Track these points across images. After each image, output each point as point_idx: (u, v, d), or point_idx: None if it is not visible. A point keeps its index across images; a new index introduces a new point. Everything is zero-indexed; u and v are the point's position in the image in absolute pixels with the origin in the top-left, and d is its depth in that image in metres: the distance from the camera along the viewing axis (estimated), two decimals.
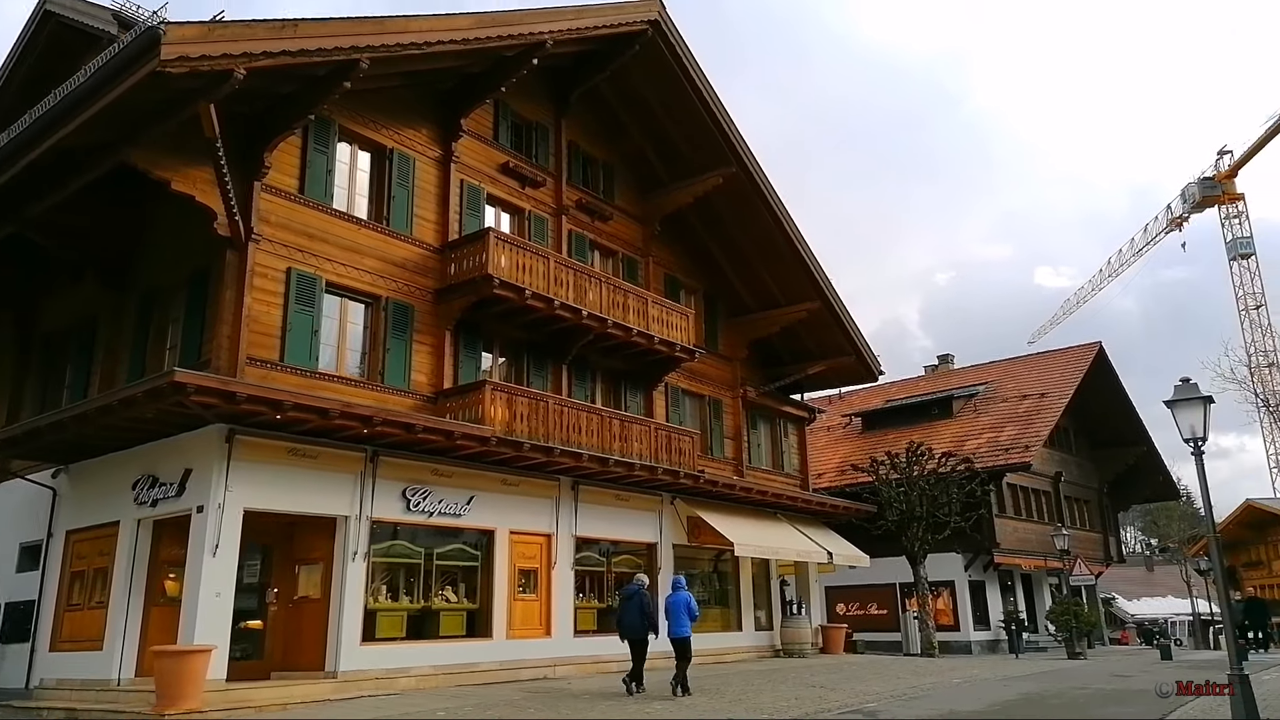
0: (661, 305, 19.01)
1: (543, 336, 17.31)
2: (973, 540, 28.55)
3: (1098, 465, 36.92)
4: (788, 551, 20.97)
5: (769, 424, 24.28)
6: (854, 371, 24.21)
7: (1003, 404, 32.69)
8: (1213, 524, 8.24)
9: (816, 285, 21.77)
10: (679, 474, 18.05)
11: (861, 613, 31.49)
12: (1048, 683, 15.40)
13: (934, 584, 29.85)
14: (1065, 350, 35.65)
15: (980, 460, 28.69)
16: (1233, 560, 69.87)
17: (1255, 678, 15.47)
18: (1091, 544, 35.73)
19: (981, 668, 19.40)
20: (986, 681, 15.73)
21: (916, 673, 17.16)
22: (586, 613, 17.43)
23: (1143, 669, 18.84)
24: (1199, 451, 8.84)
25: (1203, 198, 79.44)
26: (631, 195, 20.85)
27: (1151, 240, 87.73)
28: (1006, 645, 29.50)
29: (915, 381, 39.55)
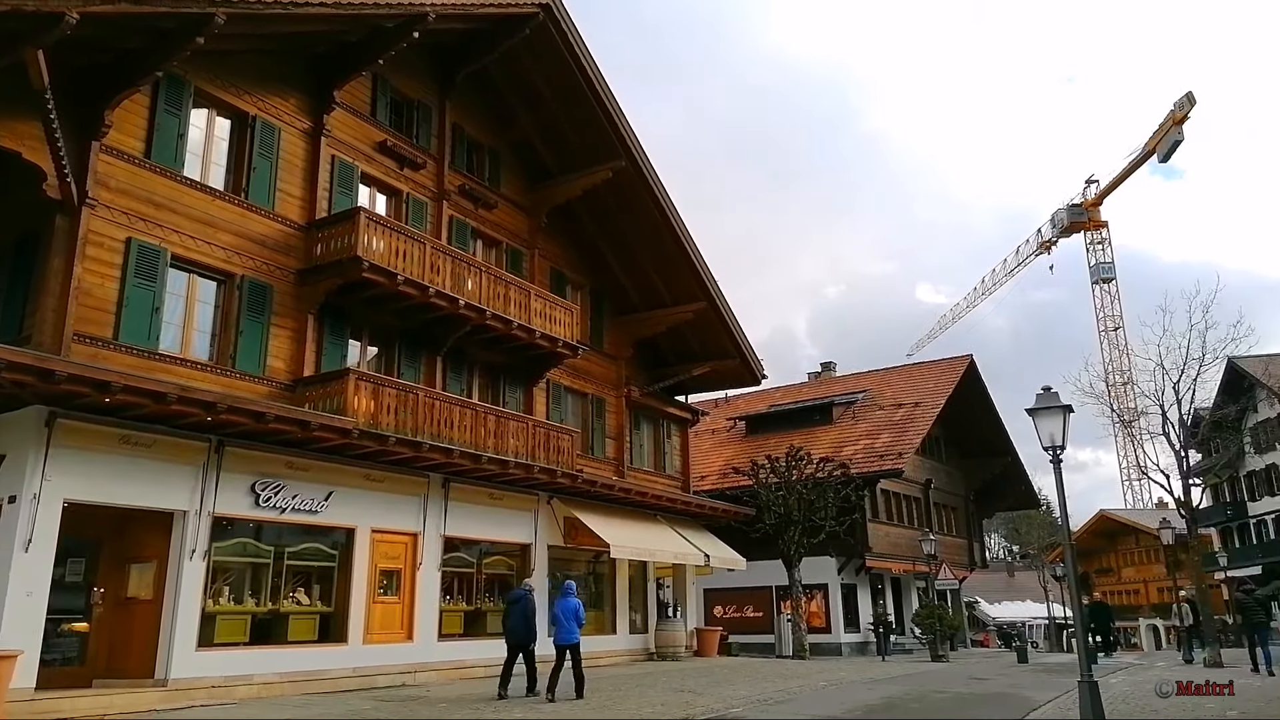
0: (545, 299, 18.46)
1: (417, 326, 16.50)
2: (846, 544, 29.06)
3: (965, 474, 38.38)
4: (665, 554, 20.75)
5: (652, 425, 24.04)
6: (738, 374, 24.25)
7: (880, 411, 33.54)
8: (1068, 530, 8.31)
9: (703, 286, 21.64)
10: (556, 473, 17.54)
11: (738, 615, 31.70)
12: (910, 685, 15.63)
13: (808, 587, 30.31)
14: (939, 362, 36.92)
15: (856, 466, 29.29)
16: (1086, 567, 74.33)
17: (1104, 681, 16.12)
18: (957, 550, 37.10)
19: (849, 670, 19.64)
20: (851, 684, 15.84)
21: (785, 676, 17.18)
22: (453, 616, 16.70)
23: (1000, 671, 19.45)
24: (1057, 459, 8.96)
25: (1070, 223, 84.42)
26: (519, 185, 20.21)
27: (1022, 262, 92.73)
28: (875, 647, 30.24)
29: (799, 388, 40.23)
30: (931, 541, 25.34)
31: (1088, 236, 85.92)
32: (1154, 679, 16.31)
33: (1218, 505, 55.19)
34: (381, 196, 17.00)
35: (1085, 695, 8.54)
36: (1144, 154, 77.53)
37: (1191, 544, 20.68)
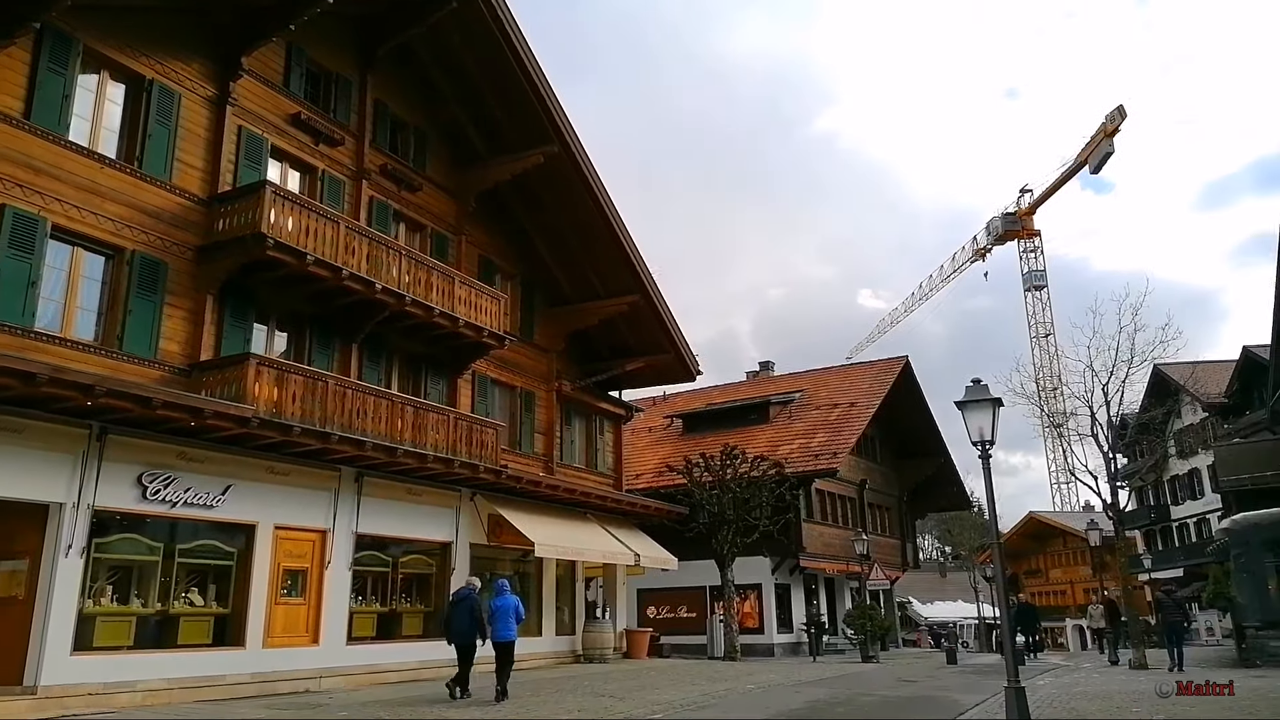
0: (471, 286, 17.68)
1: (330, 311, 15.60)
2: (780, 544, 28.80)
3: (900, 474, 38.56)
4: (593, 553, 20.13)
5: (584, 420, 23.40)
6: (673, 370, 23.72)
7: (816, 411, 33.41)
8: (996, 527, 7.94)
9: (638, 278, 21.07)
10: (479, 468, 16.78)
11: (671, 615, 31.23)
12: (838, 688, 15.27)
13: (741, 587, 29.97)
14: (875, 363, 37.02)
15: (792, 465, 29.05)
16: (1015, 568, 75.79)
17: (1031, 684, 15.97)
18: (890, 550, 37.23)
19: (778, 671, 19.26)
20: (779, 687, 15.42)
21: (713, 678, 16.70)
22: (365, 618, 15.84)
23: (928, 673, 19.27)
24: (986, 454, 8.60)
25: (1005, 231, 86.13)
26: (446, 167, 19.38)
27: (958, 268, 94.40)
28: (807, 648, 30.07)
29: (737, 386, 39.98)
30: (864, 541, 25.18)
31: (1021, 245, 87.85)
32: (1080, 681, 16.25)
33: (1142, 508, 56.68)
34: (294, 173, 16.05)
35: (1011, 700, 8.18)
36: (1076, 165, 79.43)
37: (1118, 546, 20.84)
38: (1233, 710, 10.84)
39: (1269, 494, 29.10)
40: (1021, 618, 24.47)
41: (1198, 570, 46.52)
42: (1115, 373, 19.83)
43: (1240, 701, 11.51)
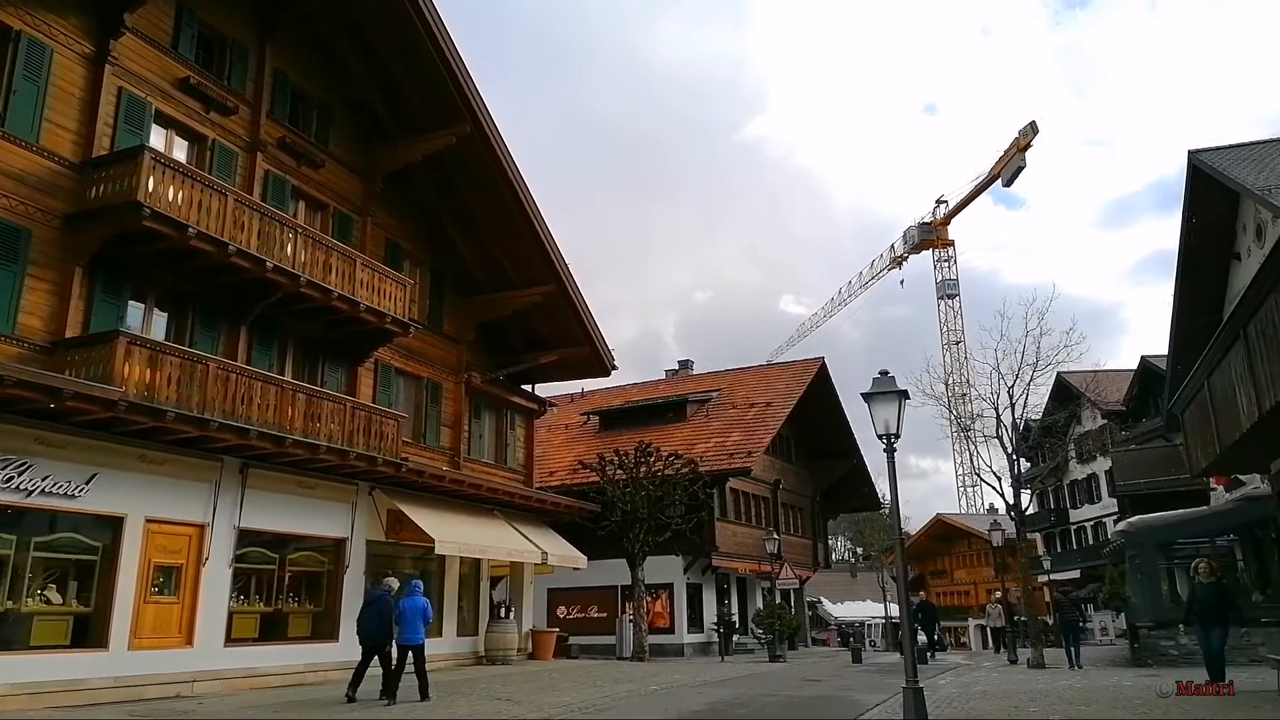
0: (374, 270, 16.84)
1: (217, 290, 14.59)
2: (693, 543, 28.63)
3: (813, 475, 38.90)
4: (498, 551, 19.47)
5: (495, 414, 22.70)
6: (588, 363, 23.22)
7: (732, 410, 33.37)
8: (898, 522, 7.71)
9: (553, 268, 20.51)
10: (377, 460, 15.97)
11: (582, 615, 30.74)
12: (741, 689, 15.02)
13: (653, 587, 29.66)
14: (792, 363, 37.26)
15: (707, 464, 28.89)
16: (921, 569, 77.77)
17: (931, 683, 16.02)
18: (802, 550, 37.50)
19: (685, 672, 18.96)
20: (683, 688, 15.09)
21: (617, 679, 16.27)
22: (247, 618, 14.87)
23: (833, 672, 19.24)
24: (891, 448, 8.38)
25: (920, 240, 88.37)
26: (352, 145, 18.46)
27: (876, 275, 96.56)
28: (717, 648, 29.96)
29: (655, 385, 39.72)
30: (774, 541, 25.13)
31: (935, 254, 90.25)
32: (980, 680, 16.37)
33: (1043, 511, 58.64)
34: (181, 141, 14.99)
35: (909, 701, 7.96)
36: (989, 178, 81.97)
37: (1019, 547, 21.25)
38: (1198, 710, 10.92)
39: (1163, 498, 30.27)
40: (922, 617, 24.76)
41: (1094, 571, 48.31)
42: (1020, 376, 20.21)
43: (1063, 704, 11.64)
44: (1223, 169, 25.20)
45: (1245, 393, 9.94)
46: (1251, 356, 9.59)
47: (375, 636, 12.20)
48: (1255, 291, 9.41)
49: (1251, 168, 25.12)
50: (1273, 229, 24.98)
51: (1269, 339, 9.01)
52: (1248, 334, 9.69)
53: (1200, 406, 12.42)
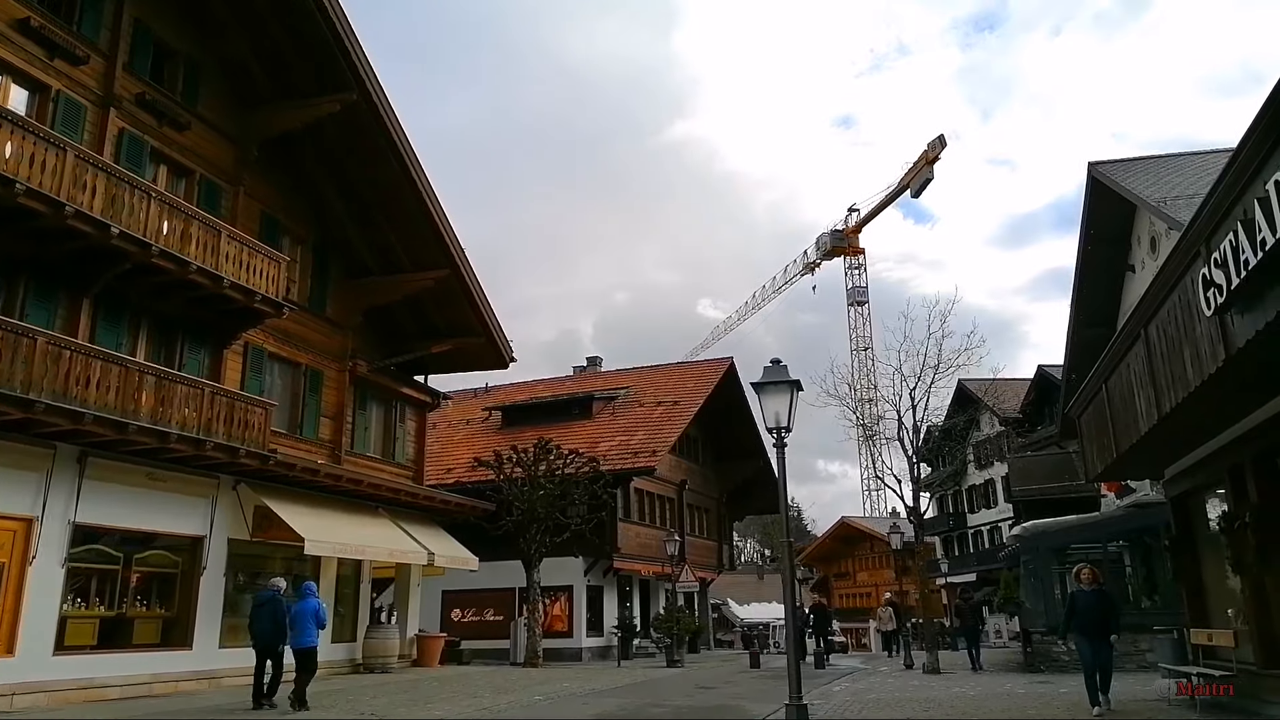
0: (243, 243, 15.43)
1: (56, 257, 13.03)
2: (594, 544, 27.80)
3: (720, 476, 38.56)
4: (378, 551, 18.21)
5: (384, 406, 21.38)
6: (485, 354, 22.10)
7: (639, 409, 32.67)
8: (786, 517, 7.01)
9: (447, 252, 19.36)
10: (239, 451, 14.60)
11: (477, 619, 29.56)
12: (631, 698, 14.22)
13: (551, 589, 28.71)
14: (701, 362, 36.86)
15: (611, 462, 28.11)
16: (825, 571, 78.85)
17: (825, 690, 15.57)
18: (707, 551, 37.10)
19: (577, 679, 18.09)
20: (571, 698, 14.21)
21: (501, 688, 15.28)
22: (83, 624, 13.33)
23: (729, 678, 18.65)
24: (781, 442, 7.70)
25: (833, 247, 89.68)
26: (225, 107, 16.94)
27: (789, 280, 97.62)
28: (618, 651, 29.19)
29: (562, 381, 38.74)
30: (675, 542, 24.48)
31: (847, 261, 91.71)
32: (875, 686, 15.99)
33: (942, 516, 59.95)
34: (21, 90, 13.34)
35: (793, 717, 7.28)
36: (899, 188, 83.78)
37: (917, 550, 21.12)
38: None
39: (1055, 504, 30.87)
40: (815, 621, 24.49)
41: (989, 575, 49.52)
42: (922, 378, 20.06)
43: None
44: (1121, 181, 25.82)
45: (1144, 395, 9.63)
46: (1152, 358, 9.26)
47: (268, 639, 11.81)
48: (1157, 290, 9.08)
49: (1148, 181, 25.78)
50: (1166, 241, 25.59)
51: (1171, 339, 8.67)
52: (1149, 334, 9.37)
53: (1098, 410, 12.19)
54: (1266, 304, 6.31)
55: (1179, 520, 12.21)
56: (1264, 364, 7.23)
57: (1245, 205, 6.44)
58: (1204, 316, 7.47)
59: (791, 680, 7.44)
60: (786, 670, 20.43)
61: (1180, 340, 8.40)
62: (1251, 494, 9.24)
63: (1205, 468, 10.79)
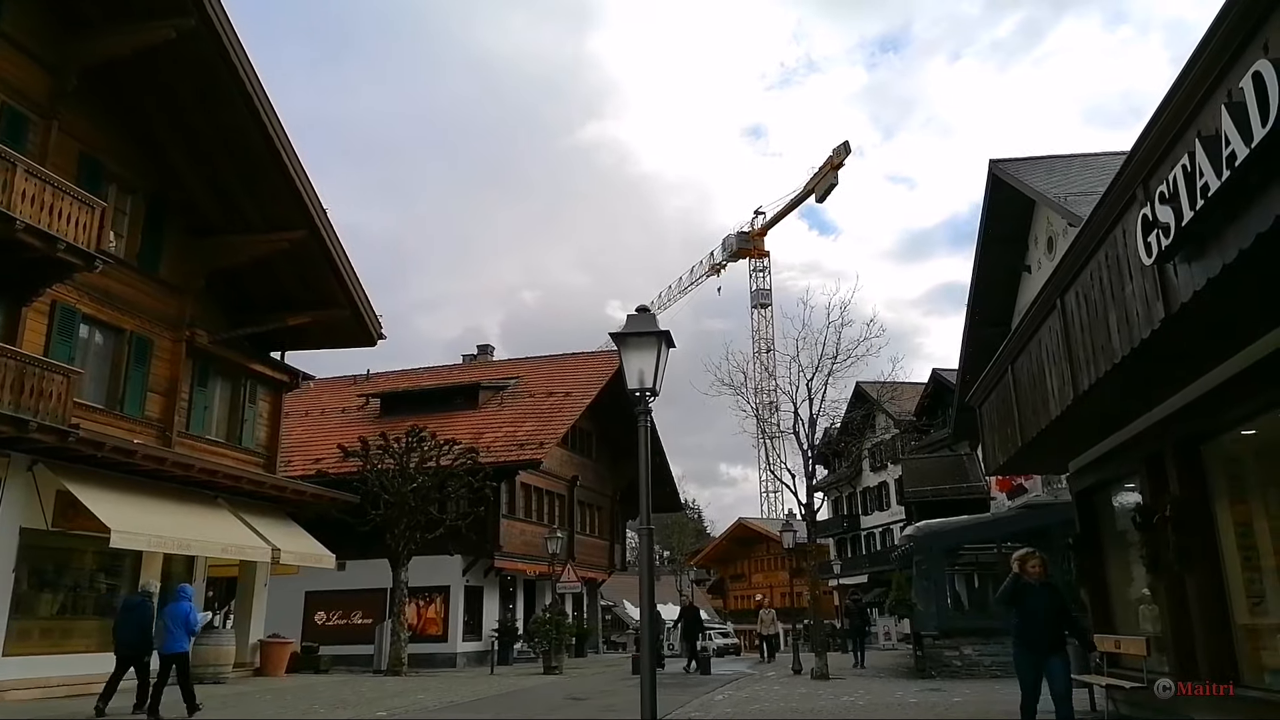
0: (46, 182, 13.10)
1: None
2: (474, 542, 25.98)
3: (614, 473, 37.14)
4: (207, 546, 15.95)
5: (230, 384, 19.07)
6: (349, 330, 19.94)
7: (528, 399, 30.94)
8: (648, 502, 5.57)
9: (304, 210, 17.25)
10: (29, 425, 12.29)
11: (344, 623, 27.30)
12: (490, 713, 12.57)
13: (426, 590, 26.79)
14: (596, 354, 35.31)
15: (495, 455, 26.34)
16: (722, 572, 78.55)
17: (707, 699, 14.24)
18: (598, 551, 35.62)
19: (440, 689, 16.31)
20: (421, 714, 12.45)
21: (342, 703, 13.39)
22: None
23: (607, 686, 17.17)
24: (645, 408, 6.25)
25: (739, 249, 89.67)
26: (37, 26, 14.48)
27: (695, 281, 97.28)
28: (496, 656, 27.39)
29: (449, 370, 36.62)
30: (557, 540, 22.88)
31: (752, 264, 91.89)
32: (760, 694, 14.76)
33: (836, 518, 60.16)
34: None
35: None
36: (804, 192, 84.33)
37: (810, 549, 20.16)
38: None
39: (947, 505, 30.66)
40: (684, 625, 23.31)
41: (881, 576, 49.67)
42: (820, 368, 19.10)
43: None
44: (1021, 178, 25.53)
45: (1057, 374, 8.60)
46: (1069, 330, 8.21)
47: (134, 646, 11.28)
48: (1078, 253, 8.02)
49: (1048, 178, 25.60)
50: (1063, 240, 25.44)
51: (1094, 305, 7.61)
52: (1065, 305, 8.32)
53: (1001, 397, 11.23)
54: (1224, 245, 5.16)
55: (1084, 518, 11.33)
56: (1210, 325, 6.16)
57: (1201, 124, 5.31)
58: (1138, 271, 6.36)
59: (645, 700, 5.97)
60: (670, 678, 19.06)
61: (1105, 306, 7.33)
62: (1173, 486, 8.28)
63: (1117, 458, 9.88)
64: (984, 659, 16.84)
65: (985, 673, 16.75)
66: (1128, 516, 10.64)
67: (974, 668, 16.78)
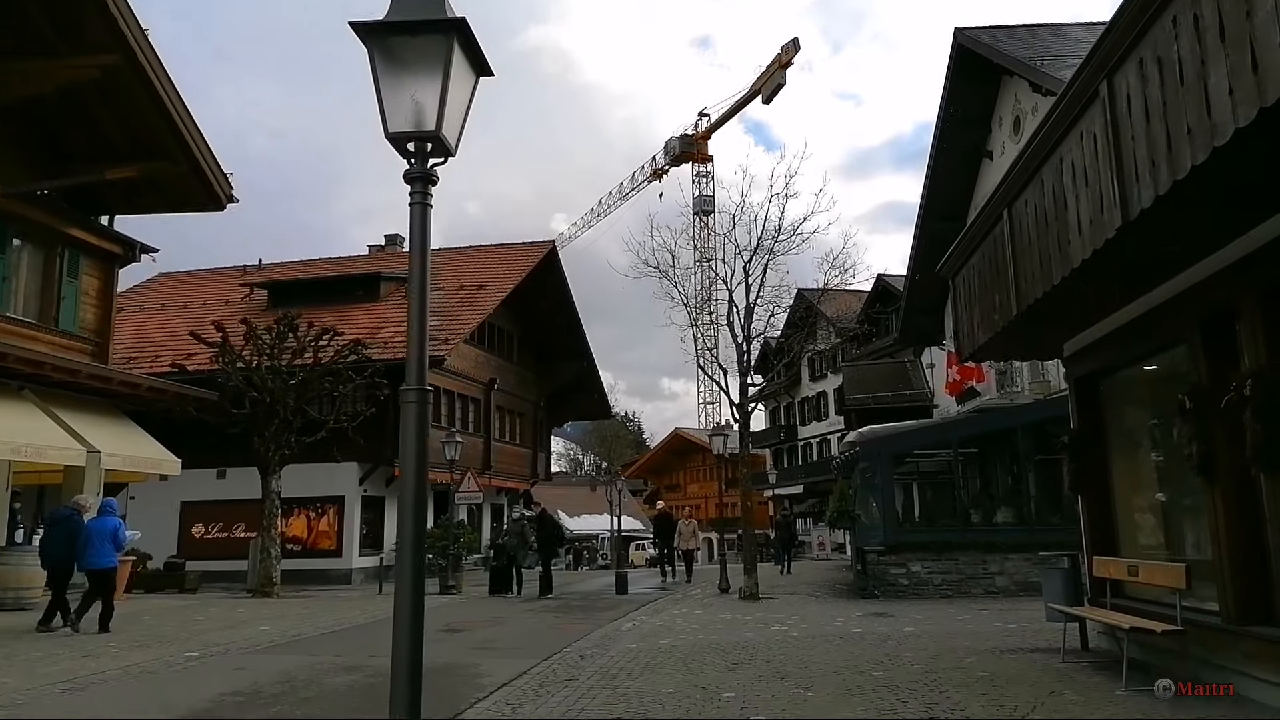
0: None
1: None
2: (370, 449, 23.16)
3: (539, 378, 34.44)
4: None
5: (42, 253, 15.54)
6: (187, 189, 16.25)
7: (438, 292, 27.68)
8: (420, 349, 2.71)
9: (113, 26, 13.48)
10: None
11: (225, 536, 24.47)
12: (327, 653, 9.94)
13: (317, 500, 24.08)
14: (517, 245, 32.08)
15: (392, 351, 23.30)
16: (658, 483, 77.44)
17: (613, 628, 11.82)
18: (519, 460, 33.13)
19: (300, 616, 13.70)
20: (238, 654, 9.78)
21: (153, 640, 10.62)
22: None
23: (499, 612, 14.74)
24: (427, 176, 3.37)
25: (681, 152, 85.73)
26: None
27: (636, 187, 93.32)
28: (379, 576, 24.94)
29: (353, 260, 32.97)
30: (455, 444, 20.10)
31: (695, 169, 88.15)
32: (677, 620, 12.41)
33: (773, 428, 58.74)
34: None
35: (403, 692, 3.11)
36: (750, 93, 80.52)
37: (743, 456, 17.78)
38: None
39: (889, 413, 28.74)
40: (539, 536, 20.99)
41: (816, 487, 48.44)
42: (761, 246, 16.37)
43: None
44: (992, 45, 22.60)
45: (1092, 197, 5.93)
46: (1118, 126, 5.49)
47: (63, 560, 11.31)
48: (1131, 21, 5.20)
49: (1019, 46, 22.73)
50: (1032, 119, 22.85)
51: (1150, 102, 4.93)
52: (1114, 90, 5.57)
53: (989, 256, 8.60)
54: None
55: (1084, 410, 8.90)
56: None
57: None
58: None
59: (397, 692, 3.26)
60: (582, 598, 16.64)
61: (1176, 92, 4.65)
62: (1250, 356, 5.78)
63: (1148, 327, 7.36)
64: (934, 577, 14.84)
65: (935, 592, 14.76)
66: (1150, 405, 8.25)
67: (922, 586, 14.77)
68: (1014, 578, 14.61)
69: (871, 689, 7.00)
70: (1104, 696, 6.37)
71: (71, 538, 11.21)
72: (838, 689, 7.05)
